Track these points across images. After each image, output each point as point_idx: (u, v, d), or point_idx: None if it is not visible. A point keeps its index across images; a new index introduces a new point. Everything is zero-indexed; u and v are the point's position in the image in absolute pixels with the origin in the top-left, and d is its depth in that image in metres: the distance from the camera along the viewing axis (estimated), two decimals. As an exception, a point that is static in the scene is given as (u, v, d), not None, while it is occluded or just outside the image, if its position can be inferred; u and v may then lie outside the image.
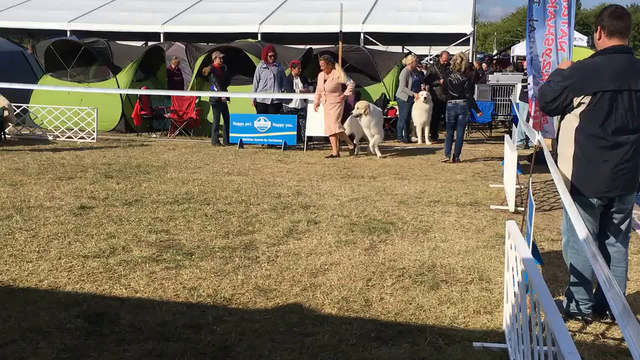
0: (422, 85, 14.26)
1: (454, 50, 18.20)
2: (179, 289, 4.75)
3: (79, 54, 15.59)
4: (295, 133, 12.85)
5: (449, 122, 11.22)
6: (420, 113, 13.91)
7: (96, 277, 4.94)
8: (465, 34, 19.03)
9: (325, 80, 11.83)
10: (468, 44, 19.32)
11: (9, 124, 13.74)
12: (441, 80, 13.93)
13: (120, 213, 6.95)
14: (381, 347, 3.87)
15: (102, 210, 7.07)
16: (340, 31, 12.74)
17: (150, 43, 21.35)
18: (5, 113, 13.42)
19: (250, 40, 17.47)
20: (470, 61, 14.61)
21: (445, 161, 11.07)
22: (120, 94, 15.07)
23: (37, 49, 17.09)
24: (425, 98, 13.79)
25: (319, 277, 5.09)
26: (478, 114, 12.96)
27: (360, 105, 11.61)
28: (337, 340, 3.93)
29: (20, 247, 5.63)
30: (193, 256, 5.52)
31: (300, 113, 13.31)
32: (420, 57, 19.11)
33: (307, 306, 4.50)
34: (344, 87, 11.90)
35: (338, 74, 11.79)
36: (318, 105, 12.08)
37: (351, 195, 8.25)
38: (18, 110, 13.93)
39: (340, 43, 12.85)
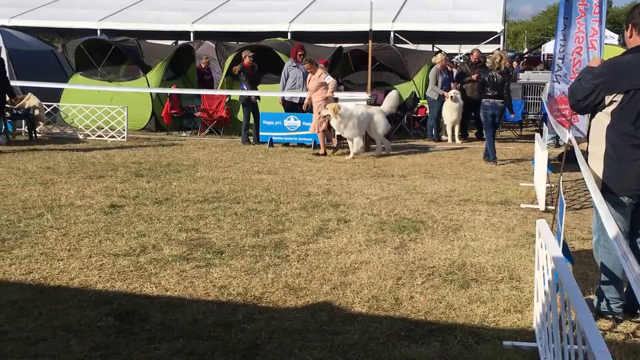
0: (453, 84, 14.15)
1: (484, 48, 18.02)
2: (209, 288, 4.77)
3: (109, 53, 15.78)
4: (325, 132, 12.84)
5: (487, 121, 10.88)
6: (450, 112, 13.83)
7: (127, 276, 4.98)
8: (495, 32, 18.84)
9: (309, 81, 12.12)
10: (498, 42, 19.11)
11: (40, 122, 13.97)
12: (474, 76, 13.76)
13: (150, 212, 7.00)
14: (411, 345, 3.84)
15: (133, 208, 7.14)
16: (370, 30, 12.69)
17: (180, 42, 21.53)
18: (36, 112, 13.65)
19: (280, 39, 17.52)
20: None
21: (490, 164, 10.74)
22: (151, 93, 15.23)
23: (68, 48, 17.32)
24: (453, 97, 13.68)
25: (349, 275, 5.07)
26: (512, 115, 12.76)
27: (329, 107, 11.47)
28: (367, 339, 3.91)
29: (51, 246, 5.70)
30: (223, 255, 5.54)
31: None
32: (450, 56, 18.96)
33: (337, 305, 4.49)
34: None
35: (319, 74, 12.00)
36: (308, 105, 12.36)
37: (381, 194, 8.22)
38: (49, 109, 14.17)
39: (370, 42, 12.80)
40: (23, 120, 13.84)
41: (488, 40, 19.07)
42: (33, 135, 13.42)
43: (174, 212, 6.99)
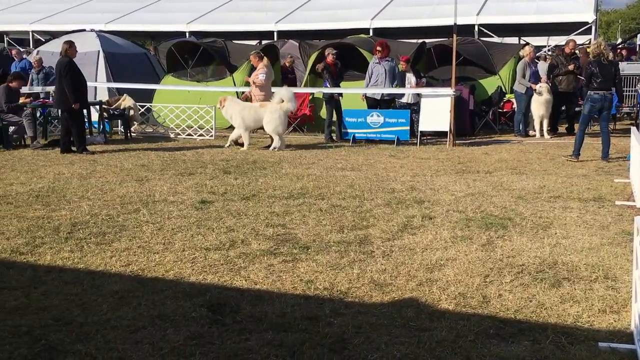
0: (543, 77, 13.71)
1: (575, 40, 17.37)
2: (296, 282, 4.86)
3: (198, 54, 16.25)
4: (408, 128, 12.77)
5: (590, 115, 10.40)
6: (538, 105, 13.41)
7: (217, 269, 5.14)
8: (586, 23, 18.08)
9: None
10: (589, 33, 18.34)
11: (134, 122, 14.59)
12: (571, 66, 13.25)
13: (238, 207, 7.18)
14: (500, 344, 3.78)
15: (222, 204, 7.34)
16: (455, 24, 12.49)
17: (264, 41, 21.92)
18: (131, 112, 14.29)
19: (362, 36, 17.52)
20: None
21: (569, 158, 10.38)
22: (237, 92, 15.57)
23: (159, 50, 17.96)
24: (537, 90, 13.26)
25: (435, 272, 5.04)
26: (623, 106, 12.20)
27: (219, 99, 12.38)
28: (455, 336, 3.87)
29: (148, 239, 5.95)
30: (309, 250, 5.62)
31: (414, 108, 13.20)
32: (538, 49, 18.38)
33: (424, 301, 4.47)
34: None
35: (259, 68, 12.39)
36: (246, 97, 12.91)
37: (466, 190, 8.10)
38: (142, 110, 14.76)
39: (454, 36, 12.61)
40: (119, 120, 14.50)
41: (578, 31, 18.33)
42: (128, 134, 14.03)
43: (261, 208, 7.14)
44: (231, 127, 15.46)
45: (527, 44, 16.25)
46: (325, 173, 9.44)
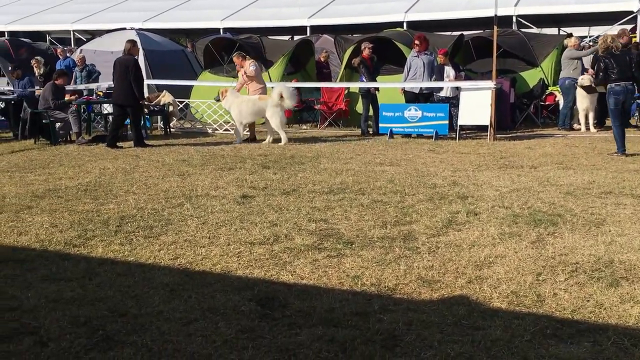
0: (588, 69, 13.42)
1: (616, 30, 16.92)
2: (342, 277, 4.79)
3: (234, 51, 16.28)
4: (446, 122, 12.60)
5: (618, 109, 10.14)
6: (582, 99, 13.11)
7: (263, 263, 5.10)
8: (631, 12, 17.61)
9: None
10: (634, 23, 17.85)
11: (174, 118, 14.71)
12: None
13: (279, 202, 7.14)
14: (559, 344, 3.65)
15: (263, 199, 7.31)
16: (495, 15, 12.27)
17: (296, 37, 21.89)
18: (170, 108, 14.42)
19: (399, 29, 17.37)
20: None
21: (616, 155, 10.06)
22: (273, 88, 15.54)
23: (197, 47, 18.10)
24: (579, 82, 12.95)
25: (484, 269, 4.92)
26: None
27: (221, 90, 12.56)
28: (510, 336, 3.76)
29: (193, 233, 5.95)
30: (353, 245, 5.55)
31: (452, 102, 13.02)
32: (579, 39, 17.96)
33: (475, 299, 4.36)
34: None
35: (247, 65, 12.61)
36: (239, 89, 12.85)
37: (511, 185, 7.93)
38: (181, 105, 14.87)
39: (495, 28, 12.38)
40: (159, 116, 14.66)
41: (622, 21, 17.84)
42: (168, 130, 14.16)
43: (302, 203, 7.08)
44: (263, 123, 15.51)
45: (571, 34, 15.92)
46: (364, 168, 9.35)
